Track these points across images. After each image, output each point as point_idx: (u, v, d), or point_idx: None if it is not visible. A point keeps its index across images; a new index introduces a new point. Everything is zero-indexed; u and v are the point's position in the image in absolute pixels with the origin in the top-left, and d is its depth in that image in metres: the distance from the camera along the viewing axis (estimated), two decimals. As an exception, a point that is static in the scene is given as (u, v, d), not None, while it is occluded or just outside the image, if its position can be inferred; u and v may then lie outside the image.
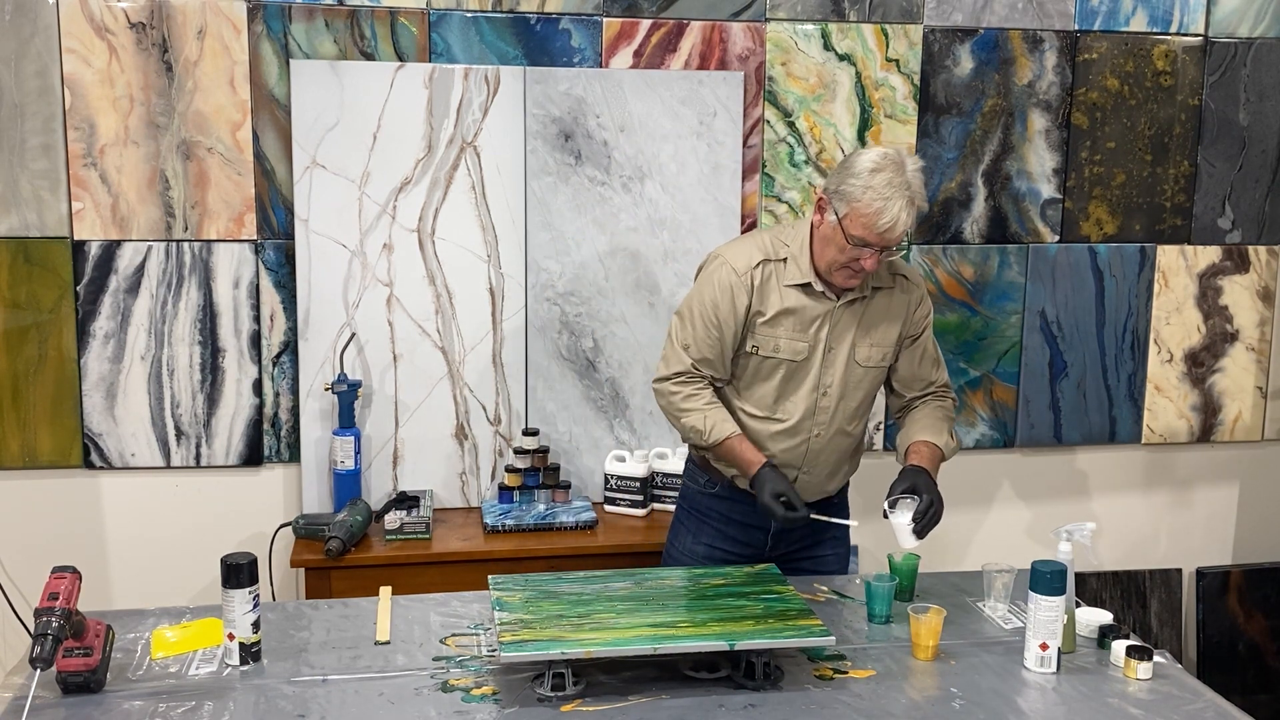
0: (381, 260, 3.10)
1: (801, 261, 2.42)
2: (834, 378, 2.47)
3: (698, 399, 2.44)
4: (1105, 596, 3.60)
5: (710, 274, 2.45)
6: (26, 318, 3.01)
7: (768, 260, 2.42)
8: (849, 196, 2.29)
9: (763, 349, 2.44)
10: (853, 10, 3.22)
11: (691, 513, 2.64)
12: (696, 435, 2.44)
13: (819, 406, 2.48)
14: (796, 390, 2.47)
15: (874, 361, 2.51)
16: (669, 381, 2.46)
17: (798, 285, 2.42)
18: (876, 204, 2.26)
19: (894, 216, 2.26)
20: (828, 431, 2.51)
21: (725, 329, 2.42)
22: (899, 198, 2.26)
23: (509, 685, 2.08)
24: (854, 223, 2.29)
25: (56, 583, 1.96)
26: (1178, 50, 3.39)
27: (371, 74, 3.03)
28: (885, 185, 2.26)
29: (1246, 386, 3.60)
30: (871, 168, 2.28)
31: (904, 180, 2.27)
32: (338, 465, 3.08)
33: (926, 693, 2.10)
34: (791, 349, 2.44)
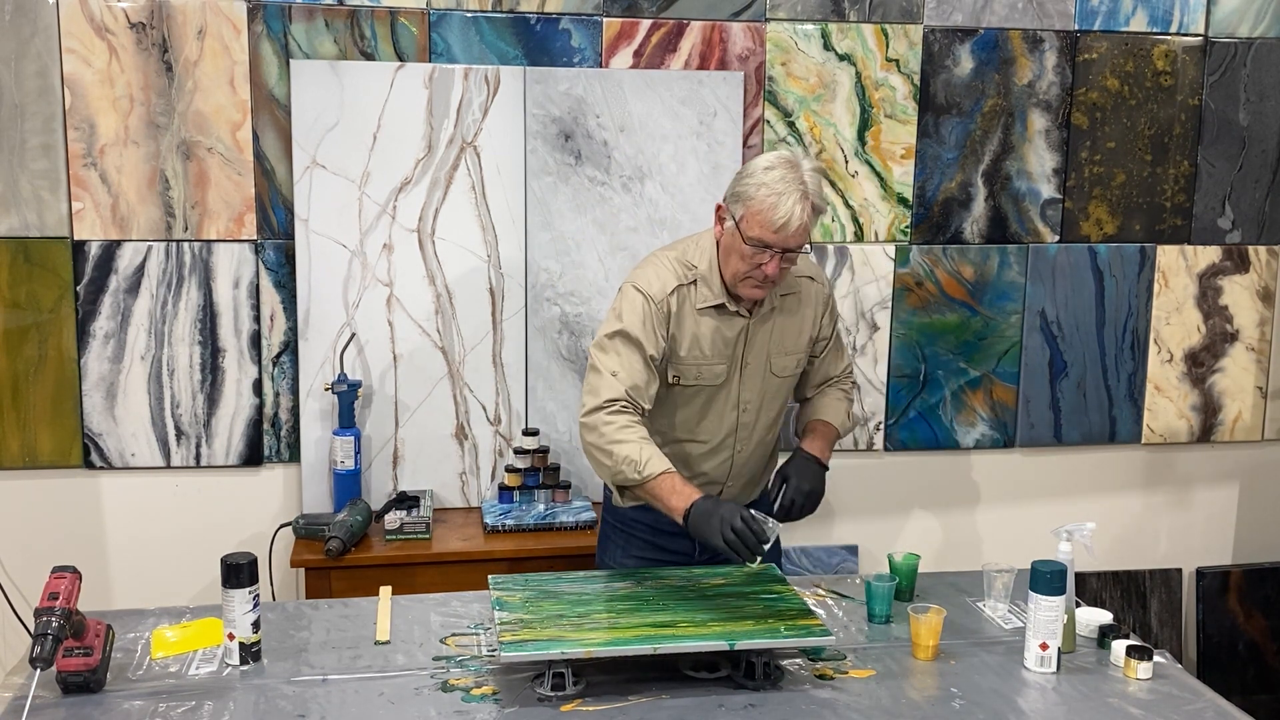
0: (381, 260, 3.10)
1: (712, 282, 2.36)
2: (752, 393, 2.45)
3: (633, 430, 2.25)
4: (1105, 596, 3.60)
5: (629, 303, 2.33)
6: (26, 318, 3.01)
7: (681, 285, 2.35)
8: (744, 196, 2.26)
9: (684, 378, 2.39)
10: (853, 10, 3.22)
11: (618, 526, 2.60)
12: (630, 467, 2.22)
13: (740, 423, 2.46)
14: (718, 410, 2.44)
15: (789, 371, 2.49)
16: (601, 411, 2.27)
17: (710, 308, 2.36)
18: (770, 199, 2.22)
19: (788, 211, 2.21)
20: (749, 444, 2.50)
21: (648, 358, 2.31)
22: (793, 192, 2.22)
23: (509, 685, 2.08)
24: (751, 222, 2.24)
25: (56, 583, 1.96)
26: (1178, 50, 3.39)
27: (371, 74, 3.03)
28: (778, 181, 2.23)
29: (1246, 386, 3.60)
30: (765, 165, 2.26)
31: (798, 177, 2.24)
32: (338, 465, 3.08)
33: (926, 693, 2.10)
34: (712, 374, 2.40)
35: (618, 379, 2.29)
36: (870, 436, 3.43)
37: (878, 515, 3.49)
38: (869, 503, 3.47)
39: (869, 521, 3.49)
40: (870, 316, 3.37)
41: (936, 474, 3.50)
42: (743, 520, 2.11)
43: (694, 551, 2.56)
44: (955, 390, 3.45)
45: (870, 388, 3.40)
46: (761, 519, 2.15)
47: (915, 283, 3.38)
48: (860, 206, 3.31)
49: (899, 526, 3.50)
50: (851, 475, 3.44)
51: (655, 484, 2.22)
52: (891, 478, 3.48)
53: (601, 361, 2.32)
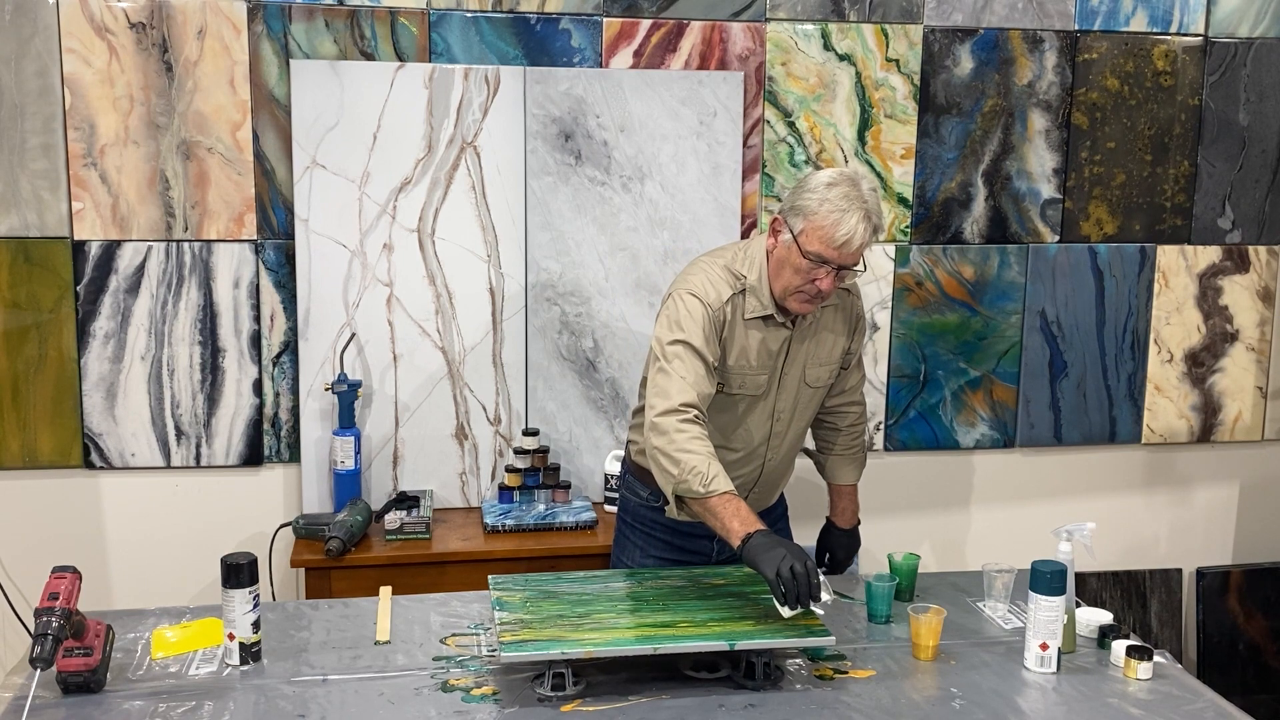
0: (381, 260, 3.10)
1: (761, 293, 2.35)
2: (787, 403, 2.46)
3: (703, 443, 2.20)
4: (1105, 596, 3.60)
5: (686, 308, 2.31)
6: (26, 318, 3.01)
7: (735, 294, 2.35)
8: (805, 210, 2.25)
9: (729, 386, 2.38)
10: (853, 10, 3.22)
11: (635, 526, 2.60)
12: (696, 479, 2.16)
13: (773, 432, 2.47)
14: (753, 419, 2.45)
15: (822, 381, 2.50)
16: (674, 416, 2.21)
17: (758, 318, 2.36)
18: (834, 215, 2.21)
19: (851, 228, 2.20)
20: (779, 453, 2.51)
21: (710, 366, 2.30)
22: (856, 210, 2.21)
23: (509, 685, 2.08)
24: (811, 237, 2.24)
25: (56, 583, 1.96)
26: (1178, 50, 3.39)
27: (371, 74, 3.03)
28: (841, 198, 2.22)
29: (1246, 386, 3.60)
30: (828, 182, 2.25)
31: (860, 195, 2.23)
32: (338, 465, 3.08)
33: (926, 693, 2.11)
34: (755, 384, 2.40)
35: (688, 383, 2.25)
36: (870, 436, 3.43)
37: (878, 515, 3.49)
38: (869, 503, 3.45)
39: (869, 521, 3.47)
40: (870, 316, 3.37)
41: (936, 474, 3.50)
42: (805, 568, 2.03)
43: (713, 553, 2.56)
44: (955, 390, 3.45)
45: (870, 388, 3.40)
46: (823, 584, 2.06)
47: (915, 283, 3.38)
48: (860, 206, 3.31)
49: (899, 526, 3.50)
50: (851, 475, 3.44)
51: (718, 501, 2.15)
52: (891, 478, 3.48)
53: (671, 367, 2.28)
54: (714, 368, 2.32)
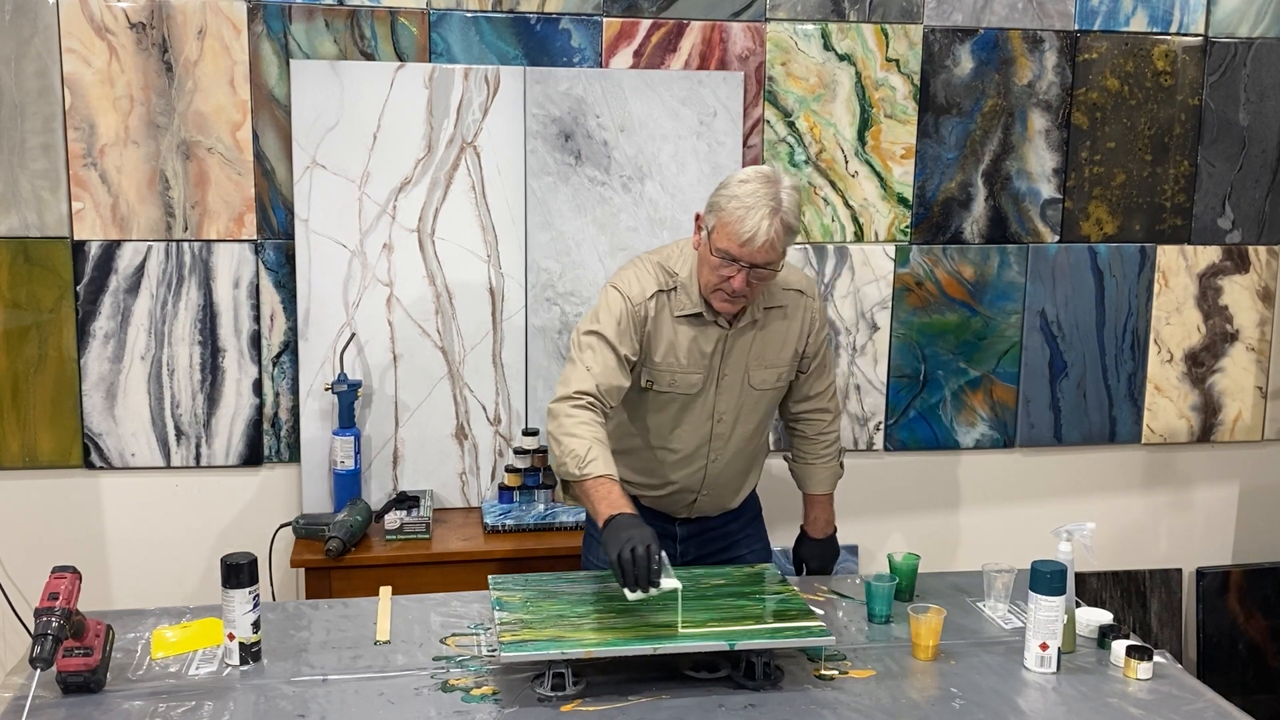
0: (381, 260, 3.10)
1: (691, 290, 2.35)
2: (729, 404, 2.44)
3: (590, 429, 2.21)
4: (1105, 596, 3.60)
5: (607, 302, 2.35)
6: (26, 318, 3.01)
7: (661, 291, 2.35)
8: (717, 208, 2.25)
9: (658, 384, 2.39)
10: (853, 10, 3.22)
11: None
12: (573, 461, 2.17)
13: (714, 434, 2.45)
14: (692, 419, 2.43)
15: (769, 384, 2.47)
16: (567, 402, 2.25)
17: (688, 316, 2.36)
18: (739, 212, 2.20)
19: (755, 225, 2.18)
20: (724, 455, 2.49)
21: (622, 359, 2.32)
22: (762, 207, 2.19)
23: (509, 685, 2.08)
24: (720, 234, 2.23)
25: (56, 583, 1.96)
26: (1178, 50, 3.39)
27: (371, 74, 3.03)
28: (749, 195, 2.21)
29: (1246, 386, 3.60)
30: (740, 179, 2.25)
31: (771, 193, 2.21)
32: (338, 465, 3.08)
33: (926, 693, 2.10)
34: (686, 382, 2.39)
35: (591, 374, 2.29)
36: (870, 436, 3.43)
37: (878, 515, 3.49)
38: (869, 503, 3.47)
39: (869, 521, 3.49)
40: (870, 316, 3.37)
41: (936, 474, 3.50)
42: (646, 552, 2.01)
43: (675, 555, 2.57)
44: (955, 390, 3.45)
45: (870, 388, 3.40)
46: (666, 569, 2.06)
47: (915, 283, 3.38)
48: (860, 206, 3.31)
49: (899, 526, 3.50)
50: (851, 475, 3.43)
51: (592, 484, 2.16)
52: (891, 478, 3.48)
53: (578, 356, 2.32)
54: (628, 361, 2.33)
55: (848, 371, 3.37)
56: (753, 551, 2.64)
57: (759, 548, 2.67)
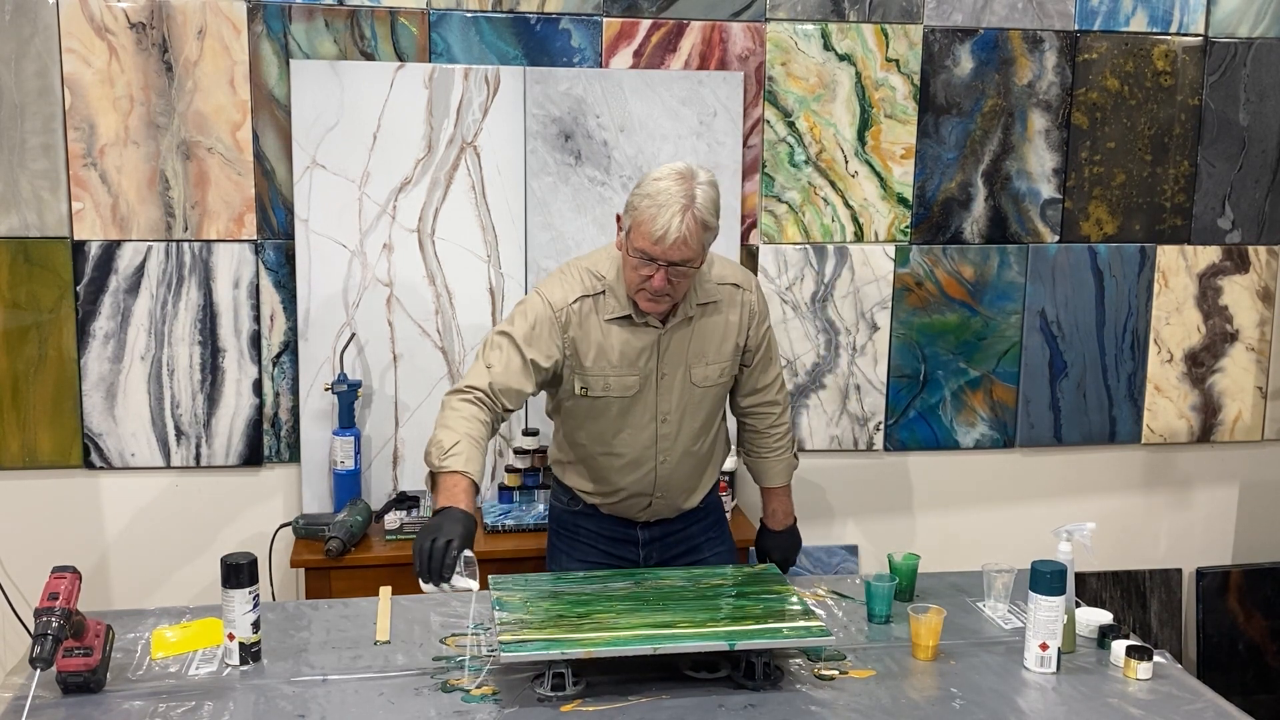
0: (381, 260, 3.10)
1: (619, 292, 2.32)
2: (672, 404, 2.41)
3: (468, 424, 2.20)
4: (1105, 596, 3.60)
5: (525, 306, 2.34)
6: (26, 318, 3.01)
7: (585, 295, 2.32)
8: (632, 207, 2.23)
9: (592, 389, 2.36)
10: (853, 10, 3.22)
11: (562, 532, 2.60)
12: (436, 450, 2.16)
13: (660, 434, 2.42)
14: (635, 422, 2.41)
15: (712, 380, 2.43)
16: (457, 395, 2.25)
17: (618, 318, 2.33)
18: (651, 211, 2.17)
19: (666, 223, 2.15)
20: (674, 455, 2.45)
21: (530, 364, 2.29)
22: (674, 205, 2.16)
23: (509, 685, 2.08)
24: (636, 233, 2.20)
25: (56, 583, 1.96)
26: (1178, 50, 3.39)
27: (371, 74, 3.03)
28: (661, 193, 2.18)
29: (1246, 386, 3.60)
30: (655, 177, 2.22)
31: (684, 190, 2.18)
32: (338, 465, 3.08)
33: (926, 693, 2.10)
34: (621, 385, 2.36)
35: (490, 372, 2.27)
36: (870, 436, 3.43)
37: (878, 515, 3.49)
38: (869, 503, 3.47)
39: (869, 521, 3.49)
40: (870, 316, 3.37)
41: (936, 474, 3.50)
42: (444, 548, 1.98)
43: (639, 559, 2.56)
44: (955, 390, 3.45)
45: (870, 388, 3.40)
46: (465, 572, 2.02)
47: (915, 283, 3.38)
48: (860, 206, 3.31)
49: (899, 526, 3.50)
50: (851, 475, 3.44)
51: (444, 477, 2.14)
52: (891, 478, 3.48)
53: (484, 353, 2.32)
54: (536, 365, 2.29)
55: (848, 371, 3.37)
56: (716, 554, 2.61)
57: (723, 550, 2.64)
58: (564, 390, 2.39)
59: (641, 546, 2.56)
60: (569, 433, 2.47)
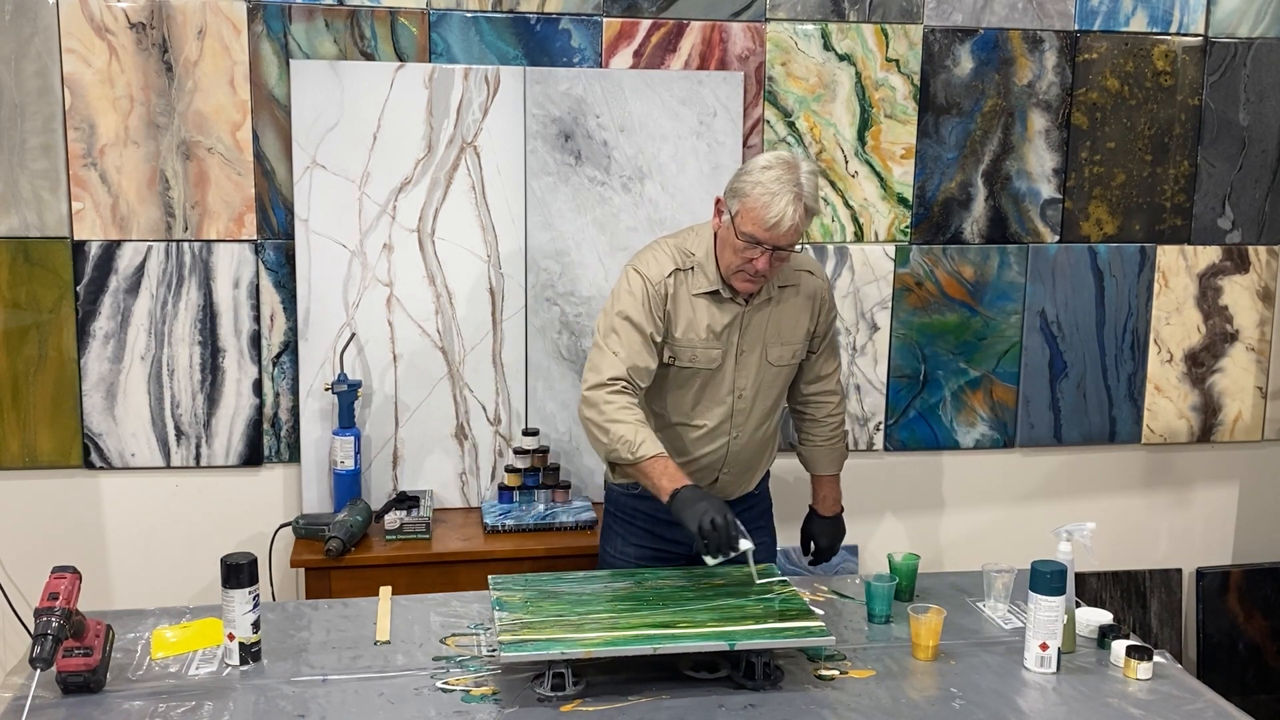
0: (381, 260, 3.10)
1: (708, 269, 2.42)
2: (748, 380, 2.50)
3: (631, 412, 2.32)
4: (1105, 596, 3.60)
5: (628, 284, 2.42)
6: (26, 318, 3.01)
7: (679, 270, 2.43)
8: (741, 193, 2.32)
9: (679, 359, 2.45)
10: (853, 10, 3.22)
11: (618, 515, 2.64)
12: (624, 447, 2.28)
13: (735, 409, 2.51)
14: (713, 395, 2.49)
15: (785, 360, 2.54)
16: (603, 389, 2.34)
17: (706, 294, 2.43)
18: (764, 198, 2.27)
19: (780, 211, 2.26)
20: (745, 432, 2.54)
21: (648, 338, 2.39)
22: (787, 193, 2.27)
23: (509, 685, 2.08)
24: (745, 219, 2.30)
25: (56, 583, 1.96)
26: (1178, 50, 3.39)
27: (371, 74, 3.03)
28: (774, 181, 2.28)
29: (1246, 386, 3.60)
30: (764, 165, 2.32)
31: (794, 178, 2.29)
32: (338, 465, 3.08)
33: (926, 693, 2.11)
34: (707, 357, 2.45)
35: (620, 358, 2.36)
36: (870, 436, 3.43)
37: (878, 515, 3.49)
38: (869, 503, 3.47)
39: (869, 521, 3.49)
40: (870, 316, 3.37)
41: (936, 474, 3.50)
42: (724, 519, 2.15)
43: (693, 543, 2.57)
44: (955, 390, 3.45)
45: (870, 388, 3.40)
46: (740, 531, 2.17)
47: (915, 283, 3.38)
48: (860, 206, 3.31)
49: (899, 526, 3.51)
50: (851, 475, 3.42)
51: (648, 464, 2.27)
52: (891, 478, 3.48)
53: (605, 341, 2.40)
54: (654, 340, 2.39)
55: (848, 371, 3.37)
56: (762, 544, 2.65)
57: (767, 540, 2.71)
58: None
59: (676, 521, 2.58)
60: (646, 403, 2.51)
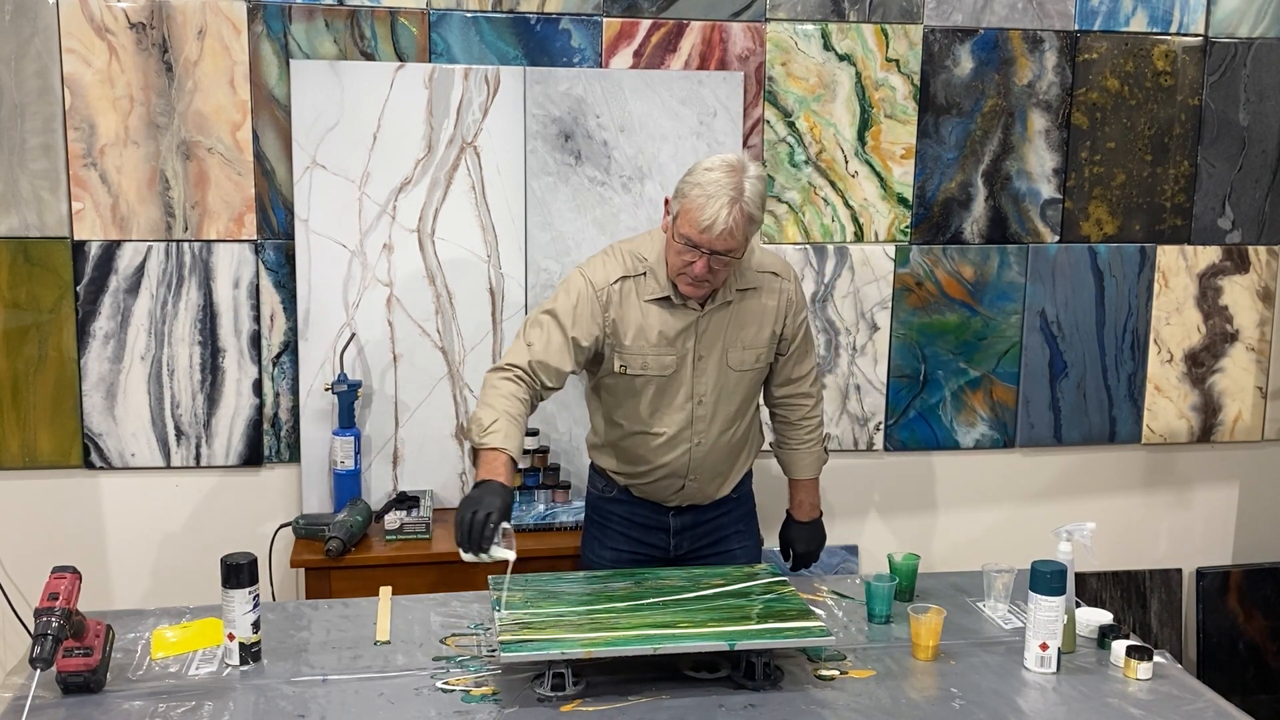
0: (381, 260, 3.10)
1: (659, 274, 2.39)
2: (707, 386, 2.46)
3: (507, 401, 2.27)
4: (1105, 596, 3.60)
5: (568, 284, 2.40)
6: (26, 318, 3.01)
7: (626, 276, 2.39)
8: (681, 194, 2.29)
9: (631, 367, 2.42)
10: (853, 10, 3.22)
11: (595, 519, 2.65)
12: (477, 427, 2.24)
13: (695, 416, 2.47)
14: (671, 402, 2.46)
15: (748, 365, 2.49)
16: (498, 373, 2.33)
17: (657, 299, 2.39)
18: (700, 200, 2.24)
19: (714, 214, 2.21)
20: (708, 438, 2.50)
21: (571, 342, 2.35)
22: (722, 196, 2.22)
23: (509, 685, 2.08)
24: (682, 220, 2.28)
25: (56, 583, 1.96)
26: (1178, 50, 3.39)
27: (371, 74, 3.03)
28: (712, 183, 2.24)
29: (1246, 386, 3.60)
30: (706, 167, 2.28)
31: (734, 182, 2.24)
32: (338, 465, 3.08)
33: (926, 693, 2.11)
34: (659, 364, 2.42)
35: (530, 350, 2.34)
36: (870, 436, 3.43)
37: (878, 515, 3.49)
38: (869, 503, 3.47)
39: (869, 521, 3.49)
40: (870, 316, 3.37)
41: (936, 474, 3.50)
42: (484, 520, 2.07)
43: (669, 547, 2.58)
44: (955, 390, 3.45)
45: (870, 388, 3.40)
46: (502, 543, 2.10)
47: (915, 283, 3.38)
48: (860, 206, 3.31)
49: (899, 526, 3.51)
50: (851, 475, 3.44)
51: (485, 453, 2.22)
52: (891, 478, 3.48)
53: (525, 331, 2.38)
54: (578, 344, 2.36)
55: (848, 371, 3.37)
56: (743, 548, 2.65)
57: (750, 544, 2.68)
58: (604, 368, 2.45)
59: (672, 535, 2.59)
60: (607, 412, 2.52)
